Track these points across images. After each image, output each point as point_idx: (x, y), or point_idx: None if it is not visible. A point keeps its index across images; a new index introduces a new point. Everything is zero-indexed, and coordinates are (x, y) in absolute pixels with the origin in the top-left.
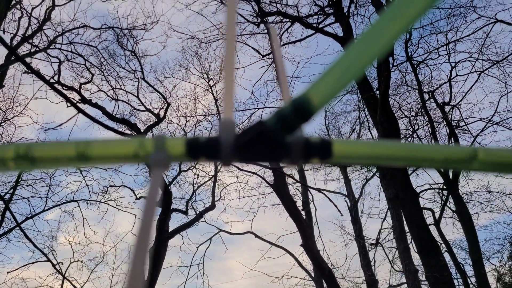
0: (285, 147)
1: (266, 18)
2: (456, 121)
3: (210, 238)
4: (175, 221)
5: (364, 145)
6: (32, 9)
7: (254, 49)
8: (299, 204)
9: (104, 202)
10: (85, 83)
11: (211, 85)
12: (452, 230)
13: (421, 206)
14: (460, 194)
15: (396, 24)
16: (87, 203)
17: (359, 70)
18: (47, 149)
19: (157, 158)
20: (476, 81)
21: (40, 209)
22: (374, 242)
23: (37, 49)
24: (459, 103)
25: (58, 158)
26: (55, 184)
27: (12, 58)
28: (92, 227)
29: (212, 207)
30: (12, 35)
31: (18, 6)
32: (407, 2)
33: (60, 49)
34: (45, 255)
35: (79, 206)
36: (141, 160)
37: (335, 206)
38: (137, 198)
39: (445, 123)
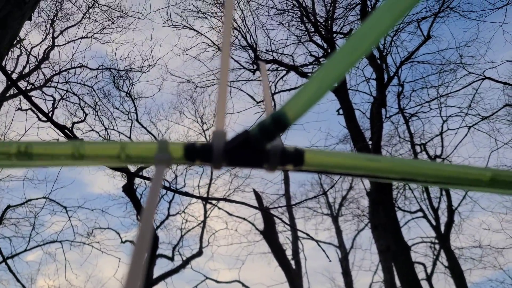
0: (265, 154)
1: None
2: None
3: (196, 286)
4: (160, 267)
5: (334, 155)
6: (32, 48)
7: (249, 95)
8: (289, 253)
9: (88, 244)
10: (78, 122)
11: (205, 129)
12: (444, 286)
13: (413, 260)
14: (452, 248)
15: (362, 45)
16: (71, 244)
17: (328, 88)
18: (44, 147)
19: (160, 158)
20: (466, 135)
21: (21, 249)
22: None
23: (33, 86)
24: (451, 157)
25: (54, 155)
26: (39, 224)
27: (12, 93)
28: (74, 270)
29: (199, 253)
30: (10, 71)
31: (18, 45)
32: (373, 25)
33: (56, 87)
34: None
35: (62, 247)
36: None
37: (323, 250)
38: (122, 242)
39: None
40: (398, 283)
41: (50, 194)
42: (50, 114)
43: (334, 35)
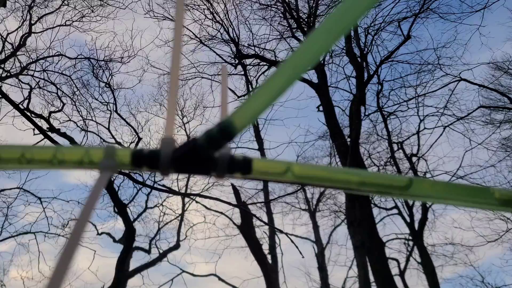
0: (213, 162)
1: (243, 60)
2: (423, 173)
3: (172, 279)
4: (137, 259)
5: (280, 164)
6: (8, 34)
7: (230, 89)
8: (265, 247)
9: (63, 236)
10: (55, 112)
11: (185, 122)
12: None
13: (387, 255)
14: (425, 245)
15: (307, 57)
16: (45, 236)
17: (275, 99)
18: None
19: (106, 165)
20: (441, 134)
21: None
22: None
23: (8, 74)
24: (426, 155)
25: (2, 159)
26: (12, 214)
27: None
28: (48, 262)
29: (176, 246)
30: None
31: None
32: (322, 34)
33: (32, 75)
34: None
35: (35, 238)
36: (85, 166)
37: (296, 247)
38: (98, 234)
39: (412, 174)
40: (372, 278)
41: (24, 185)
42: (26, 103)
43: None
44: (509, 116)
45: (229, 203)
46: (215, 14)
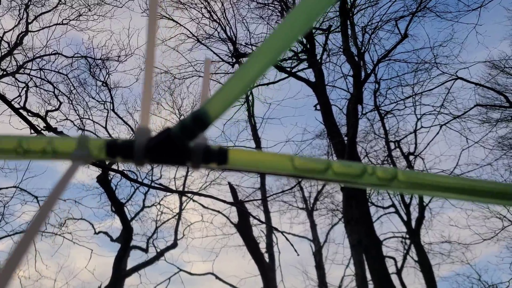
0: (188, 152)
1: (241, 59)
2: (420, 171)
3: (169, 278)
4: (134, 258)
5: (256, 155)
6: (4, 33)
7: None
8: (262, 246)
9: (59, 235)
10: (52, 111)
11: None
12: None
13: (384, 254)
14: (422, 244)
15: (280, 44)
16: (42, 235)
17: (248, 87)
18: None
19: (78, 155)
20: (438, 133)
21: None
22: None
23: (5, 72)
24: (423, 154)
25: None
26: (9, 213)
27: None
28: (45, 261)
29: (174, 245)
30: None
31: None
32: (289, 26)
33: (29, 74)
34: None
35: None
36: (57, 157)
37: (292, 245)
38: (96, 233)
39: None
40: (369, 276)
41: (20, 183)
42: (23, 102)
43: (314, 30)
44: (506, 114)
45: (226, 202)
46: (212, 13)
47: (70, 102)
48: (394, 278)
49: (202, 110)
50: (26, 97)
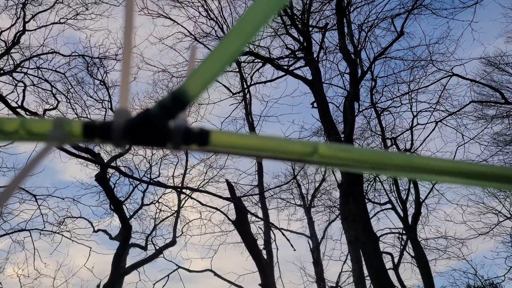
0: (168, 133)
1: (238, 57)
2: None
3: (168, 275)
4: (133, 256)
5: (241, 137)
6: (1, 32)
7: (225, 86)
8: (260, 242)
9: (57, 233)
10: (49, 110)
11: None
12: (411, 275)
13: (381, 250)
14: (419, 239)
15: (259, 17)
16: (40, 233)
17: (227, 63)
18: None
19: (54, 135)
20: (433, 129)
21: None
22: (334, 285)
23: (2, 71)
24: (419, 150)
25: None
26: (7, 212)
27: None
28: (44, 259)
29: (172, 243)
30: None
31: None
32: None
33: (26, 73)
34: None
35: (31, 236)
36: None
37: (288, 240)
38: (94, 231)
39: None
40: (366, 272)
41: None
42: (20, 101)
43: (310, 28)
44: (501, 111)
45: (223, 197)
46: (209, 11)
47: (68, 101)
48: (391, 274)
49: (181, 89)
50: (24, 96)
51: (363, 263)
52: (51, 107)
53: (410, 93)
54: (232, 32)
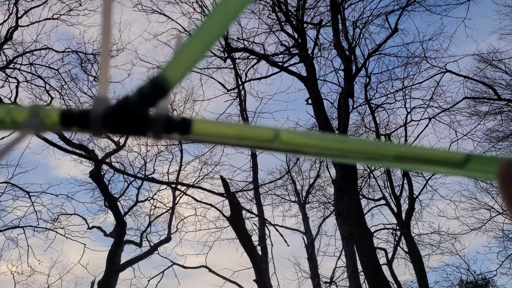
0: (148, 121)
1: (233, 53)
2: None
3: (163, 272)
4: (128, 253)
5: (224, 125)
6: None
7: (220, 82)
8: (255, 239)
9: (51, 230)
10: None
11: None
12: (404, 271)
13: (375, 245)
14: (412, 235)
15: (237, 3)
16: (34, 230)
17: (207, 49)
18: None
19: (29, 123)
20: (427, 126)
21: None
22: (329, 281)
23: None
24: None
25: None
26: (1, 209)
27: None
28: (38, 256)
29: (167, 239)
30: None
31: None
32: None
33: (19, 69)
34: None
35: (24, 233)
36: (5, 126)
37: (281, 235)
38: (89, 228)
39: None
40: (360, 267)
41: (12, 179)
42: (13, 97)
43: (305, 25)
44: (494, 107)
45: (218, 193)
46: (203, 7)
47: (62, 97)
48: (385, 269)
49: (160, 76)
50: (17, 93)
51: (357, 258)
52: (45, 103)
53: (404, 89)
54: (212, 16)
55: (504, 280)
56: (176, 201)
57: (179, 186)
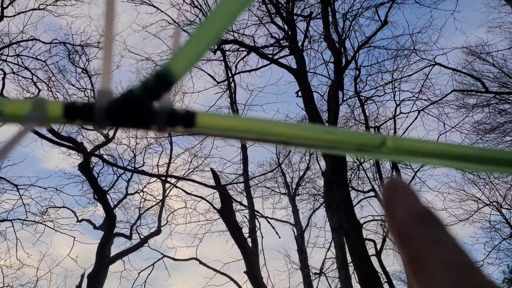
0: (152, 114)
1: (222, 45)
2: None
3: (153, 264)
4: (117, 245)
5: (229, 118)
6: None
7: (210, 75)
8: (245, 231)
9: (40, 223)
10: (30, 98)
11: None
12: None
13: (364, 237)
14: None
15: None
16: (22, 223)
17: (213, 41)
18: None
19: (33, 116)
20: (416, 118)
21: None
22: (318, 272)
23: None
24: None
25: None
26: None
27: None
28: (26, 249)
29: (157, 232)
30: None
31: None
32: None
33: (5, 60)
34: None
35: (13, 226)
36: (10, 119)
37: (273, 227)
38: (78, 221)
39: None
40: (349, 258)
41: None
42: (0, 89)
43: (295, 17)
44: (481, 100)
45: (208, 185)
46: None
47: (49, 89)
48: (374, 260)
49: (165, 69)
50: (4, 85)
51: (347, 250)
52: (32, 95)
53: (393, 82)
54: (217, 10)
55: (491, 270)
56: (166, 194)
57: (169, 179)
